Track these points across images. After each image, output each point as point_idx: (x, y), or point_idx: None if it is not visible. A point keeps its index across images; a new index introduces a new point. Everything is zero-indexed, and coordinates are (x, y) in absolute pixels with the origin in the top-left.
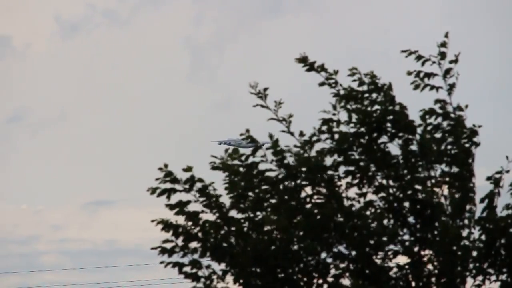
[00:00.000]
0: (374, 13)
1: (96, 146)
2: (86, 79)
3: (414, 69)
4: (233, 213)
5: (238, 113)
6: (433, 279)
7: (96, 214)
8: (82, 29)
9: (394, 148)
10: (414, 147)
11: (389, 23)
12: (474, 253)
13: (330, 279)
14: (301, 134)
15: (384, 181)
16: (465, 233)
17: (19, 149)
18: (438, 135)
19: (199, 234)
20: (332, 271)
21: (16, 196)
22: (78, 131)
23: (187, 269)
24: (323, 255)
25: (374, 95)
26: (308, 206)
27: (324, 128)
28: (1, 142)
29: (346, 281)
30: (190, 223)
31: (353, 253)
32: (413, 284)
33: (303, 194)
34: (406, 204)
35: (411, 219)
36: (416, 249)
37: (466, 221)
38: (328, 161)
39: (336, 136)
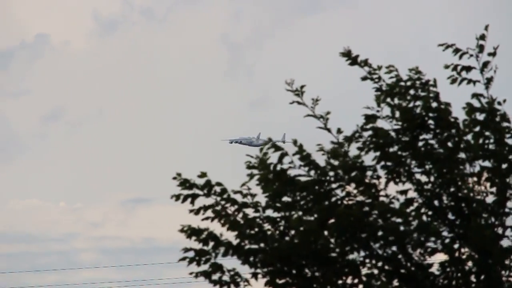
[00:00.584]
0: (412, 8)
1: (133, 143)
2: (124, 76)
3: (452, 63)
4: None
5: (274, 110)
6: (473, 277)
7: (133, 211)
8: (120, 27)
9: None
10: (455, 144)
11: (428, 18)
12: None
13: (362, 279)
14: (339, 131)
15: (424, 178)
16: (507, 232)
17: (56, 147)
18: (476, 130)
19: (225, 236)
20: (365, 271)
21: (54, 193)
22: (116, 128)
23: (215, 276)
24: (354, 255)
25: (417, 91)
26: (340, 207)
27: (367, 126)
28: (39, 140)
29: (379, 282)
30: (214, 227)
31: (388, 252)
32: (454, 282)
33: (333, 198)
34: (445, 200)
35: (450, 216)
36: (456, 246)
37: (504, 218)
38: (367, 158)
39: (377, 132)
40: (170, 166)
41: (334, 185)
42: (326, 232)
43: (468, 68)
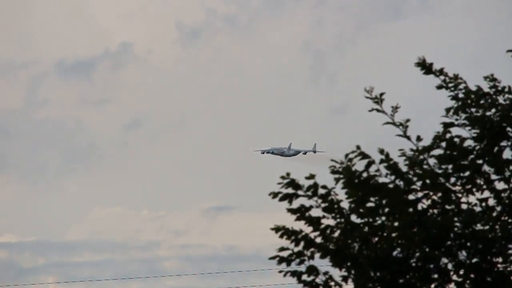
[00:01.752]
0: (493, 15)
1: (215, 151)
2: (206, 84)
3: None
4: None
5: (354, 118)
6: None
7: (216, 219)
8: (203, 35)
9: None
10: None
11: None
12: None
13: (451, 287)
14: (418, 138)
15: (503, 185)
16: None
17: (138, 155)
18: None
19: (319, 239)
20: (454, 278)
21: (137, 202)
22: (198, 136)
23: (305, 277)
24: (443, 262)
25: (493, 99)
26: (426, 216)
27: (445, 135)
28: (120, 148)
29: None
30: (310, 229)
31: (472, 260)
32: None
33: (419, 207)
34: None
35: None
36: None
37: None
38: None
39: (455, 140)
40: (253, 174)
41: (420, 194)
42: (411, 240)
43: None
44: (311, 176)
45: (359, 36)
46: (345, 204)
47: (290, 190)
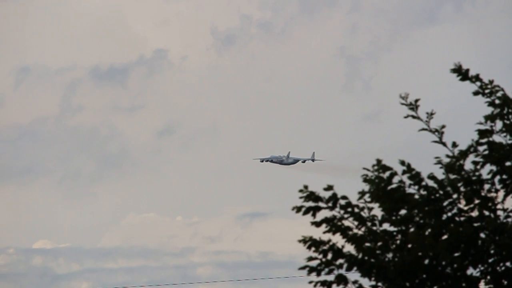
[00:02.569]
0: None
1: (247, 157)
2: (239, 90)
3: None
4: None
5: (388, 124)
6: None
7: (250, 226)
8: (237, 41)
9: None
10: None
11: None
12: None
13: None
14: (454, 145)
15: None
16: None
17: (171, 162)
18: None
19: (348, 248)
20: (482, 286)
21: (171, 208)
22: (231, 142)
23: (335, 286)
24: (470, 270)
25: None
26: (452, 225)
27: (482, 140)
28: (154, 155)
29: None
30: (338, 238)
31: (502, 267)
32: None
33: (444, 216)
34: None
35: None
36: None
37: None
38: (484, 171)
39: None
40: (286, 180)
41: (445, 203)
42: (440, 247)
43: None
44: (329, 187)
45: (394, 42)
46: (376, 212)
47: (311, 204)
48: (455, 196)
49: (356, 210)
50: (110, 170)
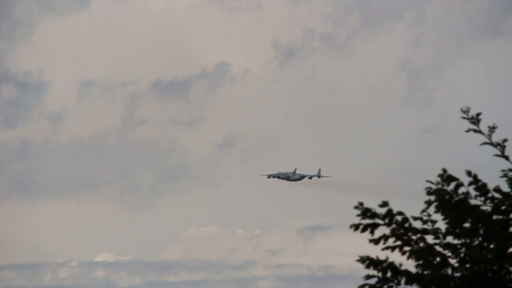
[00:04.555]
0: None
1: (310, 170)
2: (300, 103)
3: None
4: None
5: (448, 137)
6: None
7: (311, 239)
8: (300, 54)
9: None
10: None
11: None
12: None
13: None
14: None
15: None
16: None
17: (232, 175)
18: None
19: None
20: None
21: (232, 221)
22: (292, 155)
23: None
24: None
25: None
26: None
27: None
28: (214, 168)
29: None
30: (396, 255)
31: None
32: None
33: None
34: None
35: None
36: None
37: None
38: None
39: None
40: (348, 194)
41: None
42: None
43: None
44: (385, 204)
45: (456, 55)
46: (440, 225)
47: (368, 221)
48: None
49: (413, 225)
50: (170, 183)
